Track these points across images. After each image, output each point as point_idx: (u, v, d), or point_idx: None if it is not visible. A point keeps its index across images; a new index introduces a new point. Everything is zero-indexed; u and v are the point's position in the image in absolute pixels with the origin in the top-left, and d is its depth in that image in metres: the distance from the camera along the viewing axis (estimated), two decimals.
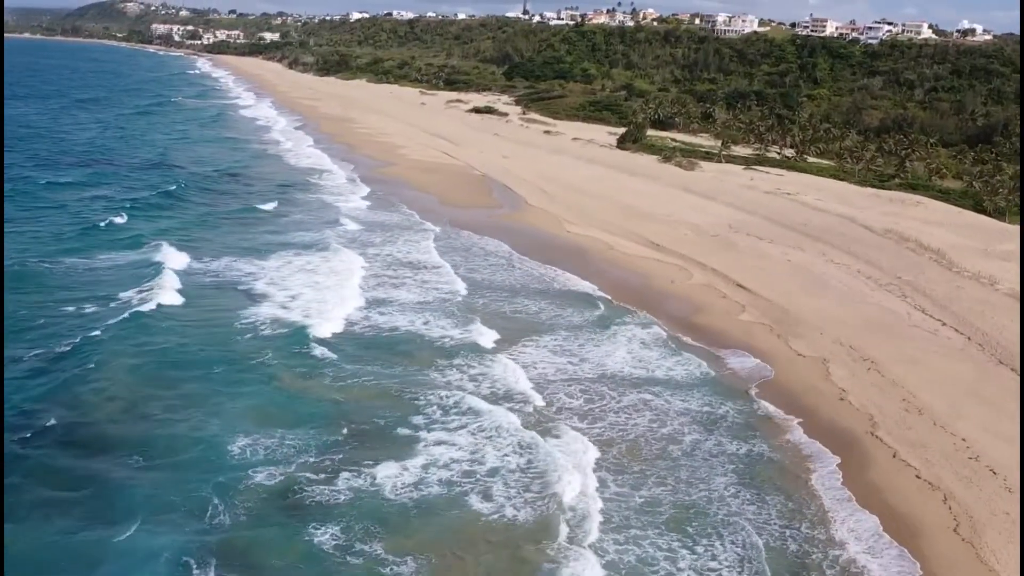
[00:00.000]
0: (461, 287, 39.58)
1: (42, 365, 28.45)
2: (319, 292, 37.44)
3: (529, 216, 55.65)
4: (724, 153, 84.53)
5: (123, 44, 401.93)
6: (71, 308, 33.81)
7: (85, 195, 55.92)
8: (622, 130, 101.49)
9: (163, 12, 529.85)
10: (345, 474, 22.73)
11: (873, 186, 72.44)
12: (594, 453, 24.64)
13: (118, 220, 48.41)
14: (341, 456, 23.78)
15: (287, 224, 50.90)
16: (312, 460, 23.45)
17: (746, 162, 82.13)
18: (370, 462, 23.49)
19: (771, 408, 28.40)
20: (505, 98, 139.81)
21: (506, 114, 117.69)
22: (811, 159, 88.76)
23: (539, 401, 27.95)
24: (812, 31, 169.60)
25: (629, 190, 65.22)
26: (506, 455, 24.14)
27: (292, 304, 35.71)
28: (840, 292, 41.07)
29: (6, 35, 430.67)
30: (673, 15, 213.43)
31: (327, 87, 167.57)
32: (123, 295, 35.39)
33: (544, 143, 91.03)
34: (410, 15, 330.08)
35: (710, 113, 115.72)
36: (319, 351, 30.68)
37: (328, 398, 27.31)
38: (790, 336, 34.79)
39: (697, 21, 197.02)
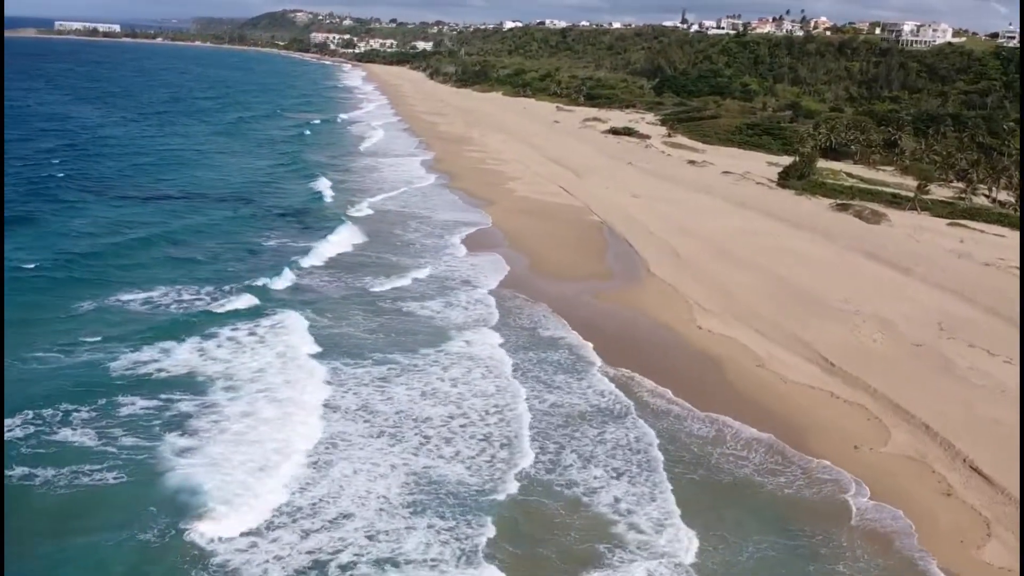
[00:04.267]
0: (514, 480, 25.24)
1: None
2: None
3: (649, 296, 40.52)
4: (919, 198, 66.07)
5: (283, 52, 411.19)
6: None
7: (209, 244, 45.12)
8: (785, 160, 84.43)
9: (328, 21, 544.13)
10: None
11: None
12: None
13: (231, 300, 36.17)
14: None
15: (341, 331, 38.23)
16: None
17: (949, 212, 63.52)
18: None
19: None
20: (650, 117, 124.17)
21: (647, 137, 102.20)
22: None
23: None
24: (1021, 42, 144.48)
25: (792, 254, 48.88)
26: None
27: None
28: None
29: (183, 43, 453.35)
30: (850, 24, 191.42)
31: (459, 100, 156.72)
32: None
33: (687, 177, 75.21)
34: (563, 24, 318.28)
35: (895, 141, 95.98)
36: None
37: None
38: None
39: (878, 31, 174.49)
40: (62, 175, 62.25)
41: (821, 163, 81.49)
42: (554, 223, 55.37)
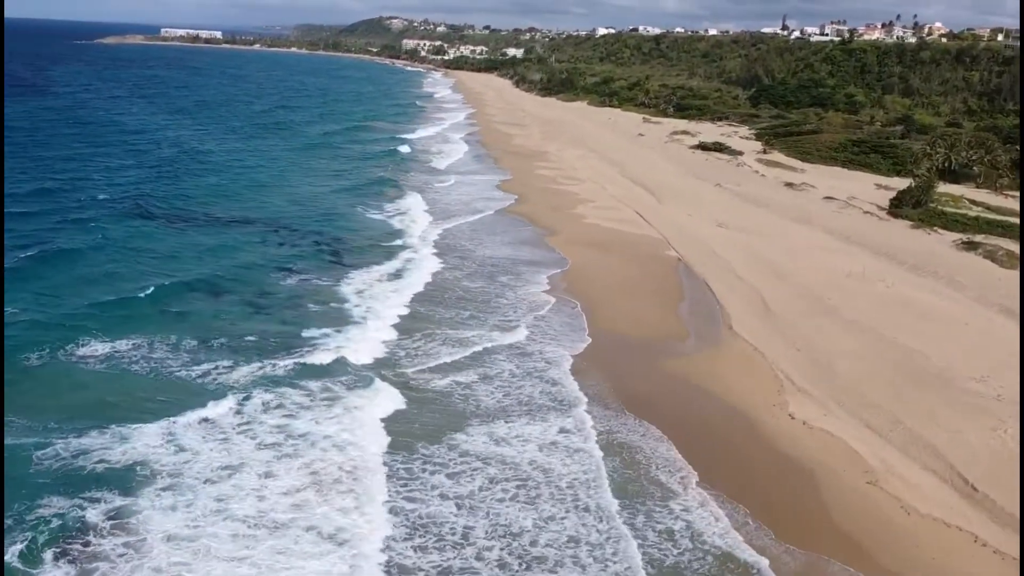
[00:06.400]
0: None
1: None
2: None
3: (729, 365, 32.78)
4: None
5: (376, 59, 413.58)
6: None
7: (237, 290, 38.16)
8: (896, 182, 74.95)
9: (423, 28, 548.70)
10: None
11: None
12: None
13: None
14: None
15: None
16: None
17: None
18: None
19: None
20: (744, 130, 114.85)
21: (740, 153, 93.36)
22: None
23: None
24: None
25: (909, 308, 40.18)
26: None
27: None
28: None
29: (279, 49, 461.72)
30: (968, 30, 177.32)
31: (541, 110, 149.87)
32: None
33: (783, 203, 66.52)
34: (656, 31, 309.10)
35: None
36: None
37: None
38: None
39: (1000, 37, 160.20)
40: (104, 197, 57.73)
41: (939, 187, 71.57)
42: (623, 259, 47.96)
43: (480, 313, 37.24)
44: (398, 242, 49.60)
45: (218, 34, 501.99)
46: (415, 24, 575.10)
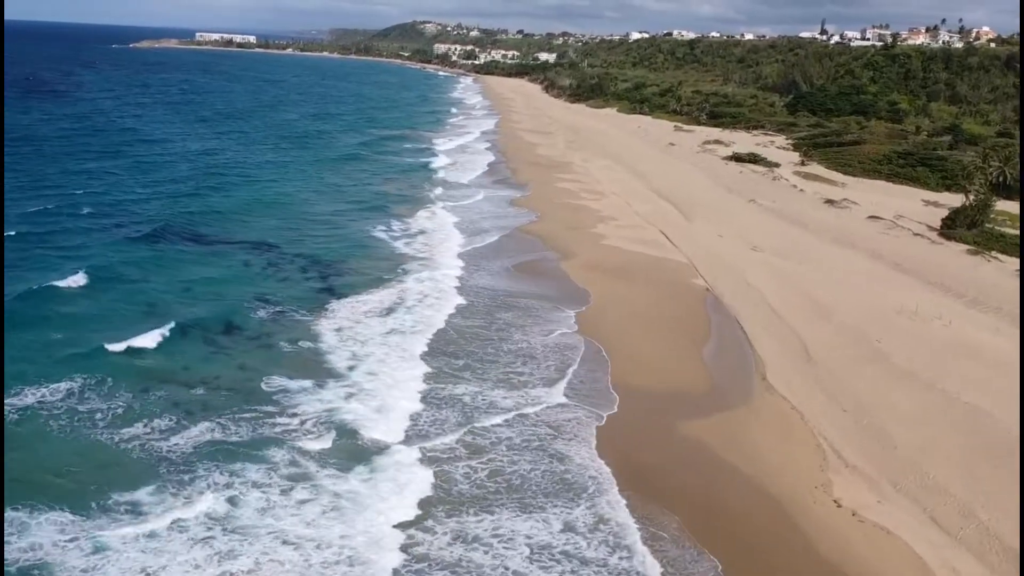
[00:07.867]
0: None
1: None
2: None
3: (762, 431, 27.84)
4: None
5: (406, 63, 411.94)
6: None
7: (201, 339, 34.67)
8: (946, 198, 69.99)
9: (455, 33, 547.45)
10: None
11: None
12: None
13: None
14: None
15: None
16: None
17: None
18: None
19: None
20: (780, 140, 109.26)
21: (776, 165, 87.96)
22: None
23: None
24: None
25: (973, 354, 34.94)
26: None
27: None
28: None
29: (312, 53, 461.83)
30: (1017, 34, 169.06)
31: (569, 117, 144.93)
32: None
33: (824, 222, 61.21)
34: (691, 35, 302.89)
35: None
36: None
37: None
38: None
39: None
40: (97, 216, 53.78)
41: (995, 204, 65.78)
42: (643, 289, 43.12)
43: (476, 363, 32.34)
44: (401, 270, 44.97)
45: (252, 39, 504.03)
46: (448, 28, 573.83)
